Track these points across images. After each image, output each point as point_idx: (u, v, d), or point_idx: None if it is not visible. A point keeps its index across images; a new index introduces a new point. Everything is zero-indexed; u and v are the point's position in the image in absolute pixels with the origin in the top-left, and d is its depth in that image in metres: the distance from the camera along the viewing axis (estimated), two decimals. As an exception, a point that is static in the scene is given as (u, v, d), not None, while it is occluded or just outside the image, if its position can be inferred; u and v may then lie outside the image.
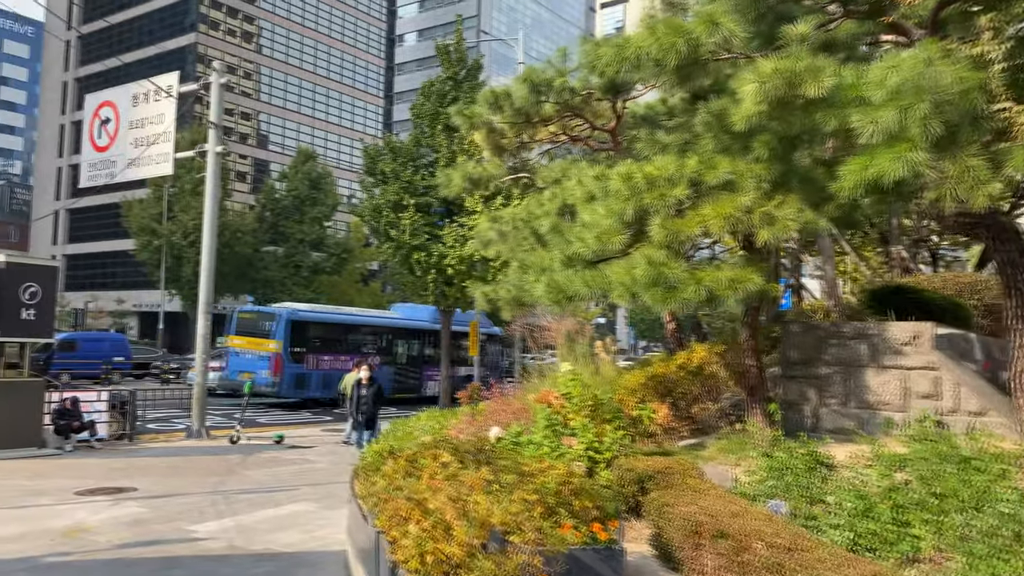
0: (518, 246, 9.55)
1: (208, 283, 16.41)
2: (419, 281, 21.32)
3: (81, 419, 14.08)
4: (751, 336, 7.51)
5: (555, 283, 6.72)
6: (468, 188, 10.51)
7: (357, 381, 13.27)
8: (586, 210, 6.82)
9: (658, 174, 5.85)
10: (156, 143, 17.15)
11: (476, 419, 7.87)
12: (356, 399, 13.04)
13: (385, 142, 21.89)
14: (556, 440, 6.06)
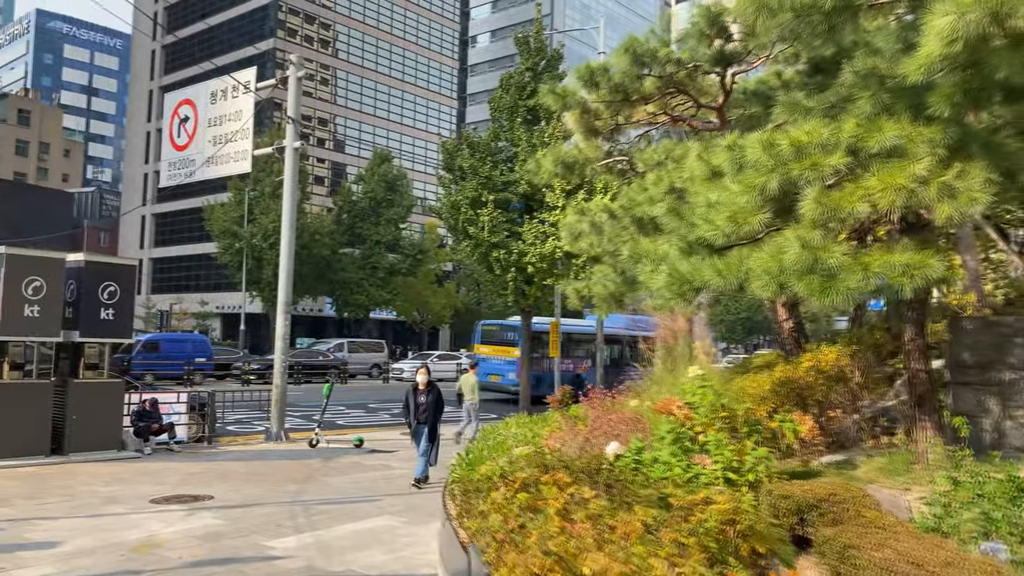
0: (616, 236, 8.66)
1: (287, 283, 16.01)
2: (498, 280, 20.58)
3: (160, 421, 13.80)
4: (917, 334, 6.42)
5: (678, 273, 5.81)
6: (559, 174, 9.65)
7: (414, 386, 11.00)
8: (711, 188, 5.90)
9: (807, 140, 4.89)
10: (234, 140, 16.88)
11: (577, 428, 7.04)
12: (414, 407, 10.78)
13: (463, 137, 21.22)
14: (686, 459, 5.15)
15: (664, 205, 7.72)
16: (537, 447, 6.83)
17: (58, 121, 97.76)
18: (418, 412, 10.79)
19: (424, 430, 10.76)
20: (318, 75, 65.89)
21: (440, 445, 11.27)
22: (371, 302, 52.54)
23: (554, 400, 11.25)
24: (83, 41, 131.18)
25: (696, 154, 6.66)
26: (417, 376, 11.07)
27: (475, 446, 8.21)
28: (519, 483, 4.28)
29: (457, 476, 6.66)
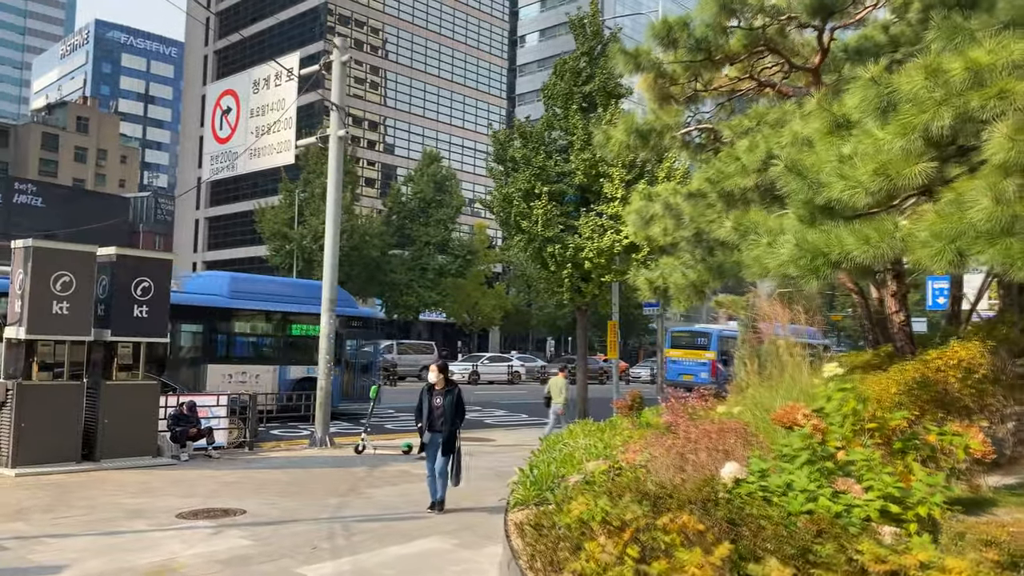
0: (700, 216, 7.50)
1: (331, 279, 15.13)
2: (553, 276, 19.43)
3: (198, 425, 13.01)
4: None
5: (808, 244, 4.65)
6: (632, 145, 8.52)
7: (428, 386, 8.99)
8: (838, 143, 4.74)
9: (990, 61, 3.72)
10: (277, 131, 16.09)
11: (666, 439, 5.91)
12: (427, 411, 8.88)
13: (515, 126, 20.17)
14: (828, 484, 3.98)
15: (785, 158, 6.55)
16: (614, 462, 5.73)
17: (115, 128, 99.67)
18: (432, 417, 8.92)
19: (440, 440, 8.85)
20: (367, 80, 65.67)
21: (462, 458, 9.13)
22: (420, 304, 51.89)
23: (622, 405, 10.06)
24: (140, 50, 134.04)
25: (816, 102, 5.49)
26: (430, 375, 9.00)
27: (540, 458, 7.09)
28: (629, 533, 3.15)
29: (521, 497, 5.62)
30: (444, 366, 9.01)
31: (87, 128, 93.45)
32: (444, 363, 9.04)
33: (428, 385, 9.07)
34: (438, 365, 9.02)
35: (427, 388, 9.05)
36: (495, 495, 9.70)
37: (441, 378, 8.99)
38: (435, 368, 9.02)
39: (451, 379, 9.07)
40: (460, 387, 9.09)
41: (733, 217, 6.78)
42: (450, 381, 9.04)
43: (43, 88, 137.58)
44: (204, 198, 73.72)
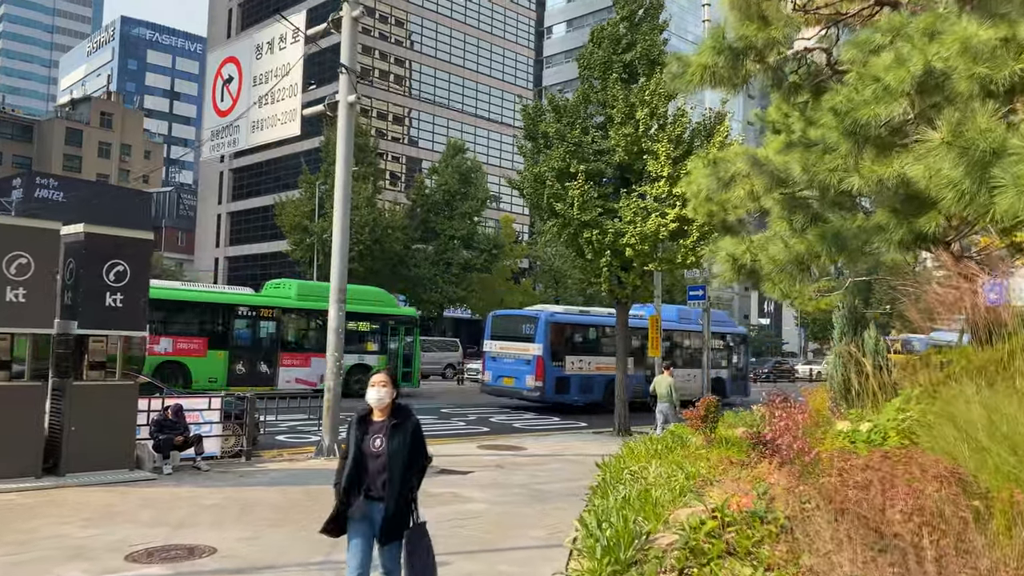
0: (814, 165, 5.56)
1: (341, 266, 13.31)
2: (590, 265, 17.45)
3: (186, 432, 11.25)
4: None
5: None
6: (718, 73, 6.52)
7: (361, 416, 4.78)
8: None
9: None
10: (282, 99, 14.31)
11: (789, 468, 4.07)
12: (356, 459, 4.71)
13: (548, 99, 18.23)
14: None
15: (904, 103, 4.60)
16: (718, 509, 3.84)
17: (139, 124, 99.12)
18: (364, 473, 4.68)
19: (378, 516, 4.66)
20: (391, 75, 64.04)
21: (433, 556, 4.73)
22: (445, 299, 50.13)
23: (692, 415, 8.11)
24: (165, 46, 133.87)
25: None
26: (370, 392, 4.70)
27: (604, 502, 5.12)
28: None
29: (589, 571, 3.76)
30: (392, 376, 4.77)
31: (111, 124, 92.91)
32: (390, 372, 4.84)
33: (360, 414, 4.75)
34: (382, 375, 4.75)
35: (357, 420, 4.74)
36: (533, 530, 7.80)
37: (386, 400, 4.64)
38: (381, 381, 4.70)
39: (404, 405, 4.80)
40: (416, 418, 4.83)
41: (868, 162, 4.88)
42: (401, 408, 4.76)
43: (70, 85, 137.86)
44: (226, 193, 72.60)
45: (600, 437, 17.13)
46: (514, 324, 24.20)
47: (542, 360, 22.25)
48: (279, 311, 23.94)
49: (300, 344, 24.41)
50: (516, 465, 12.41)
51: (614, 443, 16.10)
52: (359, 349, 24.96)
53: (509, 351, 23.33)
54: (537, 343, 22.51)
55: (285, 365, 23.63)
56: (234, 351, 22.84)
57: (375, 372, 4.77)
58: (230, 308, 23.20)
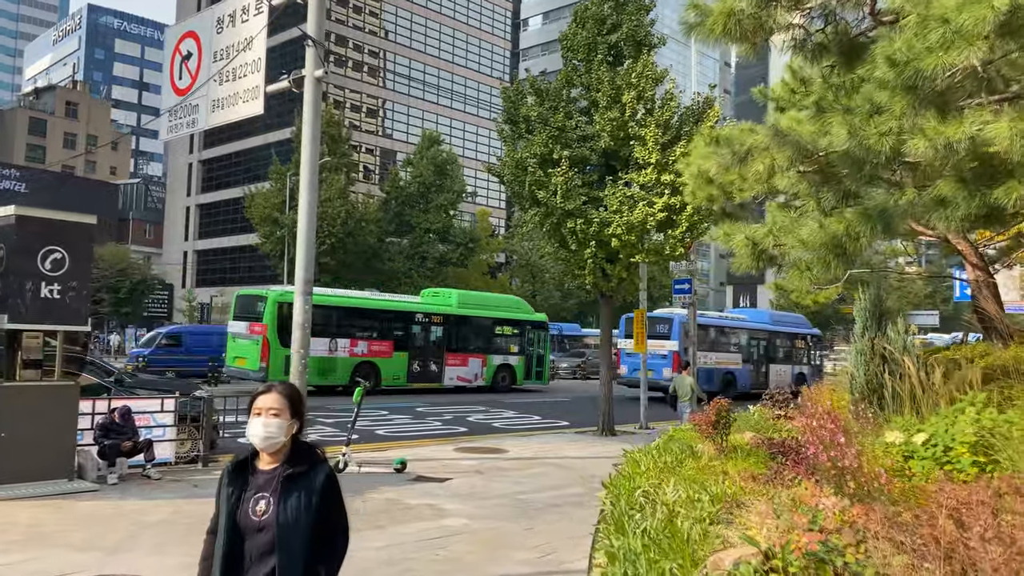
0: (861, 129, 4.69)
1: (307, 256, 12.30)
2: (574, 257, 16.53)
3: (135, 437, 10.22)
4: None
5: None
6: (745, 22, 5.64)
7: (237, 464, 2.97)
8: None
9: None
10: (244, 76, 13.25)
11: (835, 488, 3.22)
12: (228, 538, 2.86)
13: (529, 81, 17.28)
14: None
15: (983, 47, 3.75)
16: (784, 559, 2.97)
17: (106, 114, 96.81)
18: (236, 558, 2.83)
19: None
20: (366, 66, 62.72)
21: None
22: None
23: (703, 420, 7.20)
24: (134, 36, 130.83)
25: None
26: (253, 424, 2.89)
27: (625, 542, 4.22)
28: None
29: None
30: (292, 397, 2.94)
31: (76, 113, 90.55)
32: (288, 391, 2.96)
33: (236, 460, 3.02)
34: (272, 394, 2.91)
35: (232, 470, 3.00)
36: (520, 551, 6.89)
37: (278, 438, 2.90)
38: (264, 405, 2.89)
39: (311, 446, 3.03)
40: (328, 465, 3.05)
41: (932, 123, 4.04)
42: (305, 450, 2.98)
43: (35, 75, 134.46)
44: (195, 184, 70.87)
45: (584, 437, 16.29)
46: (650, 324, 25.40)
47: (677, 355, 25.29)
48: (444, 317, 26.89)
49: (460, 346, 27.24)
50: (497, 471, 11.51)
51: (599, 444, 15.27)
52: (503, 350, 28.40)
53: None
54: (672, 340, 25.93)
55: (450, 365, 26.71)
56: (412, 352, 25.77)
57: (261, 392, 2.90)
58: (410, 315, 26.23)
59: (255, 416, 2.90)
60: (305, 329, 11.94)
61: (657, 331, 25.80)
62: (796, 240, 5.40)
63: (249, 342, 23.19)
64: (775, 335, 30.23)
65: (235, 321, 24.55)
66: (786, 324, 30.58)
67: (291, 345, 12.06)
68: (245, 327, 23.77)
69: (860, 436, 5.62)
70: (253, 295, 24.84)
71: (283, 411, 2.89)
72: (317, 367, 22.87)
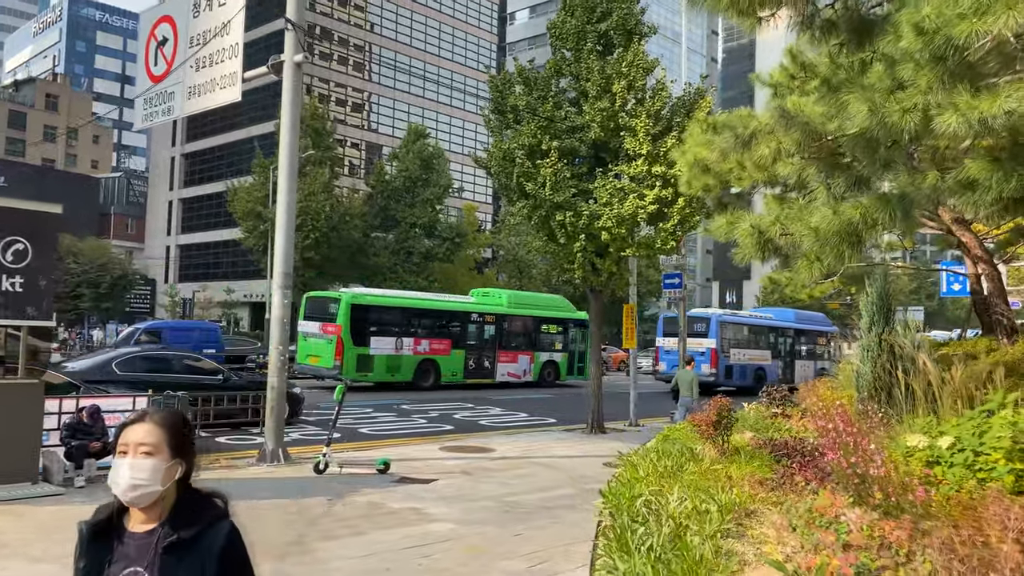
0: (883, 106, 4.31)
1: (286, 248, 11.87)
2: (563, 250, 16.14)
3: (104, 438, 9.74)
4: None
5: None
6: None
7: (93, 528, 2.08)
8: None
9: None
10: (221, 62, 12.77)
11: (857, 498, 2.85)
12: None
13: (517, 69, 16.85)
14: None
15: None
16: None
17: (87, 107, 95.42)
18: None
19: None
20: (351, 59, 62.02)
21: None
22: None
23: (704, 420, 6.80)
24: (115, 28, 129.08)
25: None
26: (118, 468, 2.10)
27: (631, 563, 3.78)
28: None
29: None
30: (175, 429, 2.14)
31: (56, 106, 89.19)
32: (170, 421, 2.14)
33: (96, 520, 2.20)
34: (146, 424, 2.10)
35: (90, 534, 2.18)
36: (511, 560, 6.49)
37: (151, 488, 2.08)
38: (133, 439, 2.10)
39: (206, 496, 2.21)
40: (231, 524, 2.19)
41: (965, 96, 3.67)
42: (198, 501, 2.19)
43: (14, 68, 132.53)
44: (177, 178, 69.95)
45: (572, 436, 15.92)
46: (688, 323, 28.10)
47: (716, 351, 27.86)
48: (496, 316, 28.31)
49: (511, 344, 28.76)
50: (485, 471, 11.10)
51: (588, 442, 14.90)
52: (549, 347, 29.98)
53: None
54: (711, 338, 28.07)
55: (501, 361, 28.18)
56: (468, 350, 27.09)
57: (131, 422, 2.14)
58: (466, 315, 27.57)
59: (120, 456, 2.09)
60: (284, 325, 11.50)
61: (695, 329, 28.12)
62: (807, 228, 5.03)
63: (322, 341, 24.55)
64: (800, 332, 32.75)
65: (306, 321, 25.58)
66: (809, 322, 33.44)
67: (270, 341, 11.63)
68: (317, 327, 25.03)
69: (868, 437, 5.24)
70: (325, 297, 26.34)
71: (159, 448, 2.07)
72: (385, 365, 24.94)
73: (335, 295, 25.76)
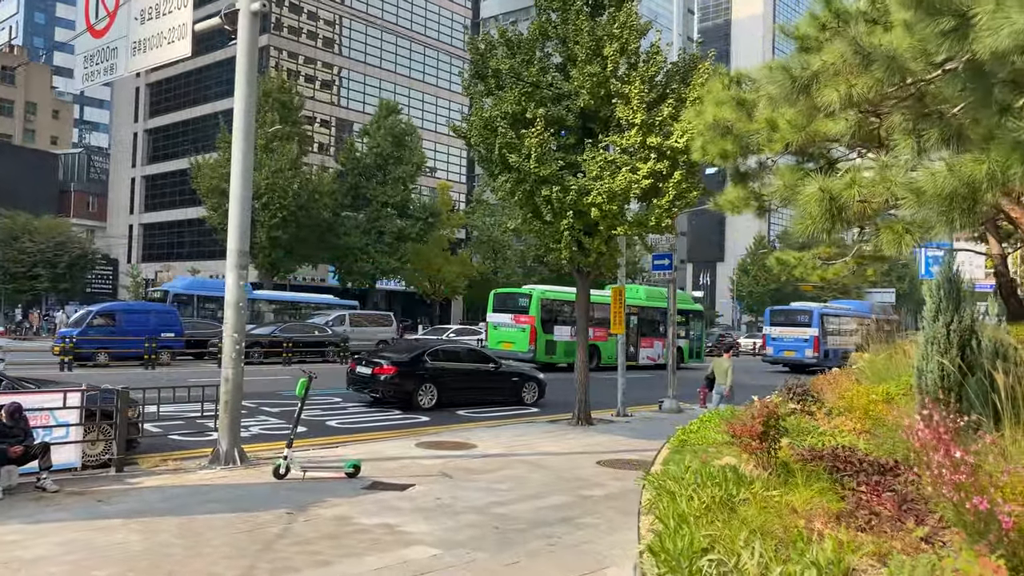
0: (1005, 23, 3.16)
1: (240, 221, 10.51)
2: (548, 229, 14.88)
3: (29, 440, 8.41)
4: None
5: None
6: None
7: None
8: None
9: None
10: (169, 13, 11.32)
11: None
12: None
13: (498, 31, 15.52)
14: None
15: None
16: None
17: (46, 80, 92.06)
18: None
19: None
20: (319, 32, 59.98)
21: None
22: (377, 271, 47.06)
23: (744, 430, 5.59)
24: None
25: None
26: None
27: None
28: None
29: None
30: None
31: (13, 79, 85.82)
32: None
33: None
34: None
35: None
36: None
37: None
38: None
39: None
40: None
41: None
42: None
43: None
44: (140, 155, 67.58)
45: (557, 427, 14.80)
46: (792, 315, 36.83)
47: (818, 339, 34.36)
48: (638, 308, 32.37)
49: (648, 332, 33.49)
50: (467, 473, 9.91)
51: (575, 435, 13.77)
52: (676, 336, 35.44)
53: (788, 334, 35.80)
54: (813, 328, 34.75)
55: (642, 347, 32.97)
56: None
57: None
58: None
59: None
60: (238, 309, 10.17)
61: (798, 320, 35.72)
62: (910, 191, 3.88)
63: (514, 330, 29.43)
64: (876, 321, 37.59)
65: (496, 313, 30.85)
66: (881, 311, 39.10)
67: (224, 328, 10.33)
68: (509, 318, 29.91)
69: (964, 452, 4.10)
70: (516, 292, 31.14)
71: None
72: (564, 349, 29.16)
73: (525, 291, 30.55)
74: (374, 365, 16.56)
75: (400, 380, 16.25)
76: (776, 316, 37.63)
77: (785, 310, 38.54)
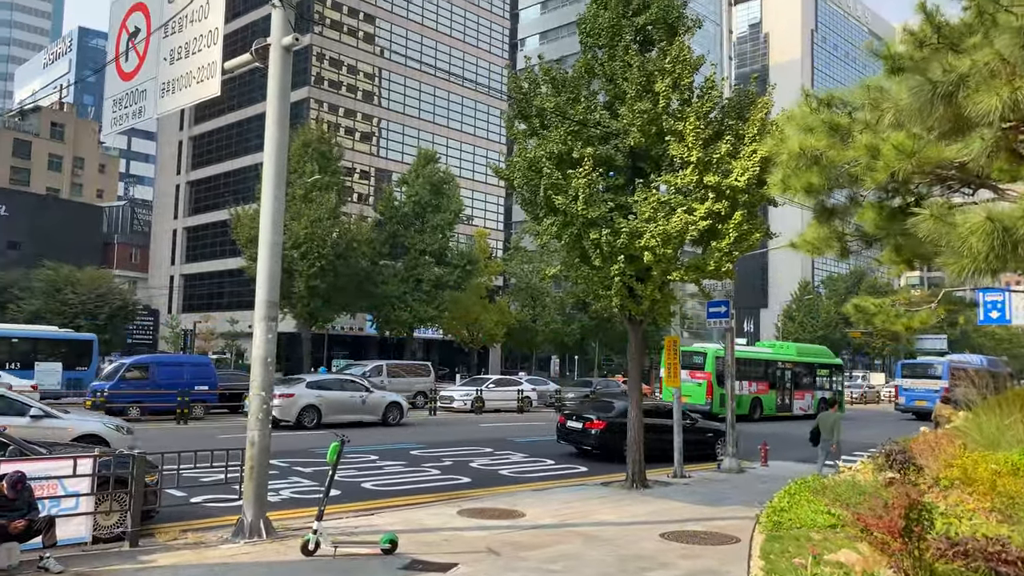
0: None
1: (270, 268, 9.77)
2: (598, 274, 13.91)
3: (33, 512, 7.57)
4: None
5: None
6: None
7: None
8: None
9: None
10: (198, 51, 10.77)
11: None
12: None
13: (542, 70, 14.81)
14: None
15: None
16: None
17: (93, 136, 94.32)
18: None
19: None
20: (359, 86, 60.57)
21: None
22: (415, 319, 46.30)
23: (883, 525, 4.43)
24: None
25: None
26: None
27: None
28: None
29: None
30: None
31: (62, 135, 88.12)
32: None
33: None
34: None
35: None
36: None
37: None
38: None
39: None
40: None
41: None
42: None
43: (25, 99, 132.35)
44: (182, 207, 68.41)
45: (611, 491, 13.64)
46: (921, 368, 40.52)
47: (948, 388, 32.93)
48: (792, 363, 36.01)
49: (799, 384, 36.21)
50: (517, 549, 8.83)
51: (632, 501, 12.58)
52: (821, 387, 37.28)
53: (919, 385, 38.33)
54: (943, 379, 36.54)
55: (796, 398, 35.54)
56: (776, 390, 34.69)
57: None
58: (774, 363, 35.37)
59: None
60: (266, 365, 9.34)
61: (929, 373, 38.93)
62: None
63: (691, 383, 31.02)
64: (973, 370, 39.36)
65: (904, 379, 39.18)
66: (994, 365, 40.06)
67: (251, 386, 9.47)
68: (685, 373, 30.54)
69: None
70: (691, 351, 32.61)
71: None
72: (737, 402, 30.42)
73: (700, 349, 33.03)
74: (585, 420, 18.23)
75: (608, 435, 17.55)
76: (906, 369, 41.39)
77: (913, 364, 42.22)
